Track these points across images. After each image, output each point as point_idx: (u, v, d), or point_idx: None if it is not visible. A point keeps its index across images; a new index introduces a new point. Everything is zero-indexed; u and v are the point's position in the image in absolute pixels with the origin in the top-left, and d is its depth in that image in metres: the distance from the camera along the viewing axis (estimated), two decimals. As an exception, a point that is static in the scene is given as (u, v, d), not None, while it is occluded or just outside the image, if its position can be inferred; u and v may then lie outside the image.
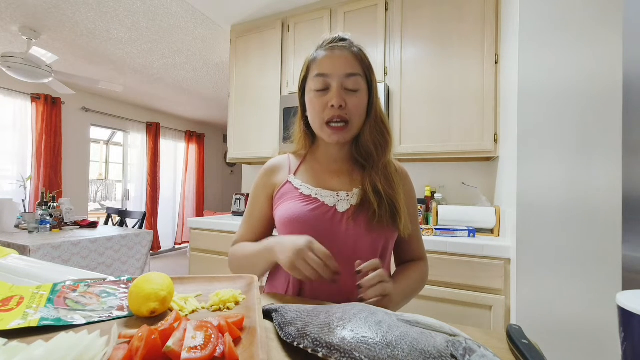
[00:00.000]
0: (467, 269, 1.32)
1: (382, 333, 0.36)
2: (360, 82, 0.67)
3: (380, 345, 0.34)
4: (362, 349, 0.34)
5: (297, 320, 0.42)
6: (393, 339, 0.35)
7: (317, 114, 0.68)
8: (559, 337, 1.06)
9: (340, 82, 0.65)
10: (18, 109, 3.43)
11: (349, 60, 0.66)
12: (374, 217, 0.66)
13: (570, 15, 1.08)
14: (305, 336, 0.38)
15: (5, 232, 2.16)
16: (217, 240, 1.94)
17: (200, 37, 2.62)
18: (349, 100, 0.66)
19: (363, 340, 0.35)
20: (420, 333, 0.36)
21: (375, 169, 0.70)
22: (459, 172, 1.91)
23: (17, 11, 2.25)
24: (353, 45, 0.69)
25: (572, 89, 1.07)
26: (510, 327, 0.44)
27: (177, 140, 5.37)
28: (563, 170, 1.07)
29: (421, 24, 1.75)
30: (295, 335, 0.39)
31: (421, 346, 0.34)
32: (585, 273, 1.03)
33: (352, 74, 0.66)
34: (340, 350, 0.34)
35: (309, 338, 0.38)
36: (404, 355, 0.33)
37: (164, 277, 0.50)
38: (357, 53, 0.68)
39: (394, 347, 0.34)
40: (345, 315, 0.40)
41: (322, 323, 0.40)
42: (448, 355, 0.33)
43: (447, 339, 0.35)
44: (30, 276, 0.66)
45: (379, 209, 0.66)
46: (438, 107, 1.70)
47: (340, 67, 0.65)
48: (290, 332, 0.41)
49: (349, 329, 0.37)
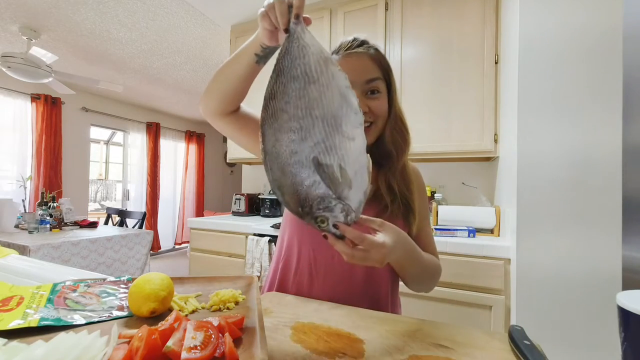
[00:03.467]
0: (467, 269, 1.32)
1: (286, 162, 0.43)
2: (380, 85, 0.66)
3: (277, 167, 0.43)
4: (272, 159, 0.43)
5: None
6: (288, 171, 0.43)
7: None
8: (559, 337, 1.06)
9: (361, 89, 0.65)
10: (18, 109, 3.43)
11: (368, 65, 0.66)
12: (385, 211, 0.66)
13: (570, 15, 1.08)
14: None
15: (5, 232, 2.15)
16: (217, 240, 1.94)
17: (200, 37, 2.62)
18: (371, 103, 0.65)
19: (275, 155, 0.43)
20: (311, 183, 0.43)
21: (392, 170, 0.69)
22: (459, 172, 1.91)
23: (17, 11, 2.25)
24: (370, 47, 0.68)
25: (573, 88, 1.07)
26: (512, 327, 0.44)
27: (177, 140, 5.37)
28: (563, 171, 1.07)
29: (421, 24, 1.75)
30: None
31: (299, 187, 0.43)
32: (586, 273, 1.03)
33: (371, 79, 0.65)
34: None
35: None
36: (286, 183, 0.43)
37: (164, 277, 0.50)
38: (375, 56, 0.67)
39: (285, 175, 0.43)
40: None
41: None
42: (308, 205, 0.43)
43: (322, 194, 0.43)
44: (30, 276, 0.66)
45: (392, 205, 0.66)
46: (438, 107, 1.70)
47: (359, 74, 0.64)
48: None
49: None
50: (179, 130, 5.38)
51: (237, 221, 1.97)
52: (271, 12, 0.48)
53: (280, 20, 0.46)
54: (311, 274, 0.68)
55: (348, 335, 0.45)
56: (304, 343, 0.42)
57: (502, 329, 1.24)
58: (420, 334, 0.46)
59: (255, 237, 1.76)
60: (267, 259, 1.70)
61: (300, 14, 0.45)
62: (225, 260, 1.91)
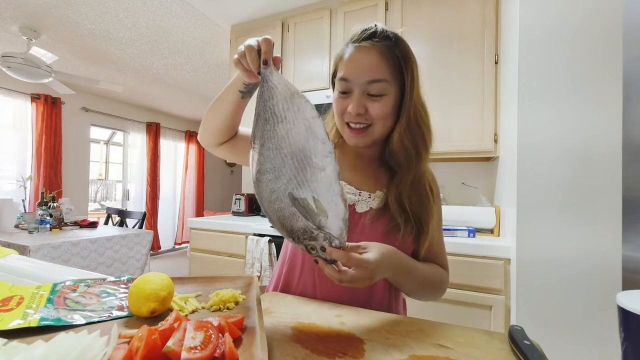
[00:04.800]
0: (467, 269, 1.32)
1: (268, 199, 0.46)
2: (386, 87, 0.60)
3: (264, 201, 0.47)
4: (259, 195, 0.47)
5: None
6: (272, 208, 0.46)
7: (338, 116, 0.65)
8: (559, 337, 1.06)
9: (362, 89, 0.60)
10: (18, 109, 3.43)
11: (374, 63, 0.60)
12: (396, 231, 0.62)
13: (571, 15, 1.08)
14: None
15: (5, 232, 2.16)
16: (217, 240, 1.94)
17: (200, 37, 2.62)
18: (370, 106, 0.61)
19: (259, 193, 0.47)
20: (291, 214, 0.45)
21: (404, 182, 0.63)
22: (459, 172, 1.91)
23: (17, 11, 2.25)
24: (381, 40, 0.60)
25: (573, 88, 1.07)
26: (512, 327, 0.44)
27: (177, 140, 5.37)
28: (563, 171, 1.07)
29: (421, 24, 1.75)
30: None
31: (284, 221, 0.46)
32: (586, 273, 1.03)
33: (375, 80, 0.59)
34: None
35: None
36: (274, 218, 0.46)
37: (164, 277, 0.50)
38: (386, 51, 0.60)
39: (272, 211, 0.46)
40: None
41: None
42: (295, 236, 0.46)
43: (304, 226, 0.45)
44: (30, 276, 0.66)
45: (405, 225, 0.61)
46: (438, 106, 1.70)
47: (363, 73, 0.60)
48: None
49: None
50: (179, 130, 5.38)
51: (237, 221, 1.97)
52: (243, 59, 0.51)
53: (252, 67, 0.50)
54: (314, 280, 0.66)
55: (348, 335, 0.45)
56: (304, 343, 0.42)
57: (502, 329, 1.24)
58: (420, 334, 0.46)
59: (255, 237, 1.76)
60: (267, 259, 1.70)
61: (268, 59, 0.48)
62: (225, 260, 1.91)
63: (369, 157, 0.71)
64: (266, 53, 0.48)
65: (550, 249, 1.08)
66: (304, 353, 0.39)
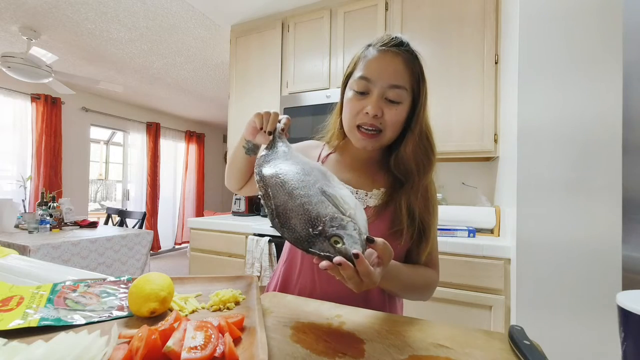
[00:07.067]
0: (467, 269, 1.32)
1: (294, 187, 0.47)
2: (404, 95, 0.62)
3: (284, 192, 0.47)
4: (277, 187, 0.48)
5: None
6: (297, 194, 0.46)
7: (351, 116, 0.65)
8: (559, 337, 1.06)
9: (382, 91, 0.61)
10: (18, 109, 3.43)
11: (398, 70, 0.62)
12: (398, 236, 0.62)
13: (571, 15, 1.08)
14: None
15: (5, 232, 2.15)
16: (217, 240, 1.94)
17: (200, 37, 2.62)
18: (387, 111, 0.62)
19: (280, 184, 0.48)
20: (320, 201, 0.45)
21: (414, 190, 0.64)
22: (459, 172, 1.91)
23: (17, 11, 2.25)
24: (408, 52, 0.63)
25: (573, 86, 1.07)
26: (512, 327, 0.44)
27: (177, 140, 5.37)
28: (563, 171, 1.07)
29: (421, 24, 1.75)
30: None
31: (309, 207, 0.44)
32: (586, 273, 1.03)
33: (396, 86, 0.61)
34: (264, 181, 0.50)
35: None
36: (294, 206, 0.45)
37: (164, 277, 0.50)
38: (410, 61, 0.63)
39: (293, 198, 0.46)
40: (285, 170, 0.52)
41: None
42: (320, 223, 0.43)
43: (332, 213, 0.44)
44: (30, 276, 0.66)
45: (408, 230, 0.62)
46: (438, 107, 1.70)
47: (386, 76, 0.61)
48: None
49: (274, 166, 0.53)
50: (179, 130, 5.38)
51: (237, 221, 1.97)
52: (266, 115, 0.64)
53: (270, 125, 0.63)
54: (313, 278, 0.67)
55: (348, 335, 0.45)
56: (304, 343, 0.42)
57: (502, 329, 1.24)
58: (420, 334, 0.46)
59: (255, 237, 1.76)
60: (267, 259, 1.70)
61: (285, 130, 0.65)
62: (225, 260, 1.91)
63: (368, 159, 0.73)
64: (285, 124, 0.66)
65: (550, 249, 1.08)
66: (304, 353, 0.39)
